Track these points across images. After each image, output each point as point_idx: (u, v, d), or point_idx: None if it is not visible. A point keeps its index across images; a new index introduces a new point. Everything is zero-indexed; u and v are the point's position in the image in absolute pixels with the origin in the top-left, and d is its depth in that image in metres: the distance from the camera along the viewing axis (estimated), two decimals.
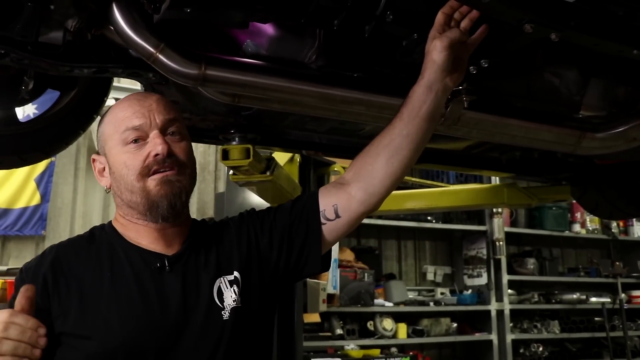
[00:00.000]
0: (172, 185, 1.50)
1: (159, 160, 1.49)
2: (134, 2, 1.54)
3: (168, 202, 1.49)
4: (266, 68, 1.71)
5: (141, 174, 1.49)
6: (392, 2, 1.56)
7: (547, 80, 2.12)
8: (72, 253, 1.53)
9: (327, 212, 1.63)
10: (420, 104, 1.56)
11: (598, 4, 1.49)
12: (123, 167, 1.51)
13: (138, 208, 1.52)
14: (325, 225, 1.63)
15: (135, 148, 1.51)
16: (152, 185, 1.49)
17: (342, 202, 1.62)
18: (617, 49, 1.68)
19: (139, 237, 1.55)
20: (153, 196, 1.49)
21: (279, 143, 2.59)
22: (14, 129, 2.11)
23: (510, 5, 1.47)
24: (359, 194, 1.61)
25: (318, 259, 1.64)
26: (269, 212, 1.69)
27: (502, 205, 3.73)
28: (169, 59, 1.57)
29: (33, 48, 1.63)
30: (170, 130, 1.55)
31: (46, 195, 5.35)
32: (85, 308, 1.43)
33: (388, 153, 1.59)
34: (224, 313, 1.49)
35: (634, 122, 2.18)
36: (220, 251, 1.59)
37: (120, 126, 1.53)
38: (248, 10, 1.49)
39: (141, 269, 1.49)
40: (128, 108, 1.55)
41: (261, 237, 1.63)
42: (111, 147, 1.54)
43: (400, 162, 1.59)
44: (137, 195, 1.50)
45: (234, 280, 1.54)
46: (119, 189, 1.54)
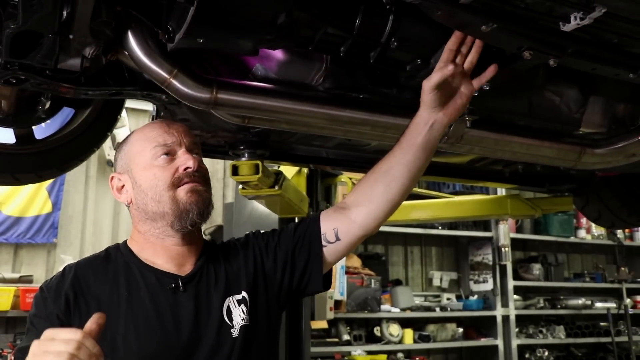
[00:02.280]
0: (201, 194, 1.60)
1: (189, 173, 1.59)
2: (149, 29, 1.61)
3: (198, 209, 1.58)
4: (275, 91, 1.77)
5: (171, 185, 1.58)
6: (396, 30, 1.62)
7: (548, 98, 2.18)
8: (90, 273, 1.58)
9: (328, 235, 1.71)
10: (417, 135, 1.65)
11: (594, 32, 1.54)
12: (153, 178, 1.59)
13: (165, 218, 1.59)
14: (326, 248, 1.72)
15: (165, 162, 1.60)
16: (183, 194, 1.58)
17: (343, 226, 1.71)
18: (614, 73, 1.74)
19: (155, 257, 1.62)
20: (184, 204, 1.58)
21: (287, 158, 2.65)
22: (31, 147, 2.19)
23: (509, 34, 1.53)
24: (359, 218, 1.70)
25: (320, 279, 1.73)
26: (274, 235, 1.77)
27: (506, 216, 3.78)
28: (182, 84, 1.64)
29: (52, 74, 1.70)
30: (194, 151, 1.66)
31: (57, 204, 5.43)
32: (104, 327, 1.49)
33: (387, 180, 1.68)
34: (233, 331, 1.56)
35: (633, 139, 2.24)
36: (229, 271, 1.66)
37: (151, 143, 1.62)
38: (258, 39, 1.55)
39: (156, 290, 1.56)
40: (158, 129, 1.65)
41: (266, 258, 1.71)
42: (139, 163, 1.62)
43: (398, 189, 1.68)
44: (165, 205, 1.58)
45: (242, 299, 1.62)
46: (143, 202, 1.61)
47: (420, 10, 1.49)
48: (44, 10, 1.37)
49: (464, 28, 1.53)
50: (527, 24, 1.51)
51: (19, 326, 5.03)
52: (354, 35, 1.61)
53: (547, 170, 3.03)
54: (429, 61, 1.72)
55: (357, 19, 1.59)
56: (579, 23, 1.42)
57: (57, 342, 1.20)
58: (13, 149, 2.16)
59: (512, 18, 1.48)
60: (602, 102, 2.25)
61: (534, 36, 1.55)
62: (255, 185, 2.51)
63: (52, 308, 1.50)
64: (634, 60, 1.69)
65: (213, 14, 1.42)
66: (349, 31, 1.61)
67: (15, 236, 5.26)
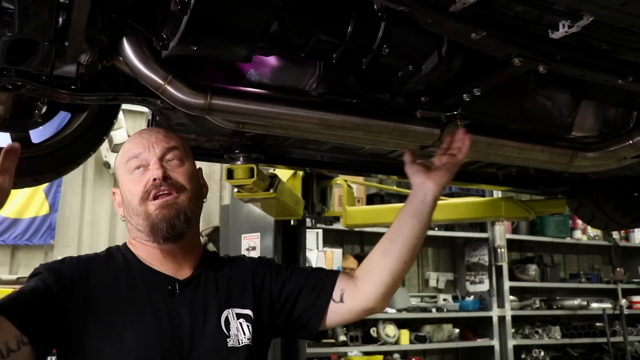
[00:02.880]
0: (169, 208, 1.60)
1: (156, 184, 1.60)
2: (143, 36, 1.63)
3: (167, 224, 1.59)
4: (269, 97, 1.79)
5: (142, 198, 1.60)
6: (387, 37, 1.64)
7: (540, 103, 2.20)
8: (91, 265, 1.62)
9: (335, 293, 1.73)
10: (406, 227, 1.77)
11: (582, 39, 1.56)
12: (128, 193, 1.63)
13: (144, 230, 1.62)
14: (329, 305, 1.73)
15: (138, 175, 1.64)
16: (152, 209, 1.60)
17: (350, 291, 1.73)
18: (603, 79, 1.76)
19: (151, 259, 1.65)
20: (153, 219, 1.59)
21: (282, 161, 2.67)
22: (28, 152, 2.20)
23: (498, 41, 1.55)
24: (364, 289, 1.73)
25: (315, 329, 1.74)
26: (287, 268, 1.80)
27: (500, 218, 3.80)
28: (177, 90, 1.66)
29: (48, 79, 1.72)
30: (168, 156, 1.67)
31: (55, 205, 5.45)
32: (101, 321, 1.52)
33: (386, 263, 1.73)
34: (229, 340, 1.58)
35: (624, 143, 2.27)
36: (233, 283, 1.69)
37: (126, 157, 1.67)
38: (251, 46, 1.56)
39: (154, 290, 1.59)
40: (132, 141, 1.70)
41: (274, 285, 1.74)
42: (121, 177, 1.68)
43: (398, 271, 1.74)
44: (140, 218, 1.61)
45: (246, 316, 1.64)
46: (128, 214, 1.65)
47: (411, 18, 1.51)
48: (40, 18, 1.39)
49: (454, 36, 1.55)
50: (516, 31, 1.53)
51: None
52: (346, 42, 1.63)
53: (541, 173, 3.06)
54: (420, 67, 1.73)
55: (349, 26, 1.60)
56: (567, 31, 1.44)
57: None
58: None
59: (502, 26, 1.50)
60: (593, 106, 2.27)
61: (523, 43, 1.57)
62: (250, 189, 2.53)
63: (48, 278, 1.52)
64: (623, 66, 1.71)
65: (206, 22, 1.44)
66: (341, 38, 1.62)
67: (12, 238, 5.27)
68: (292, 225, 3.80)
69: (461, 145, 1.86)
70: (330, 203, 3.97)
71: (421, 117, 1.97)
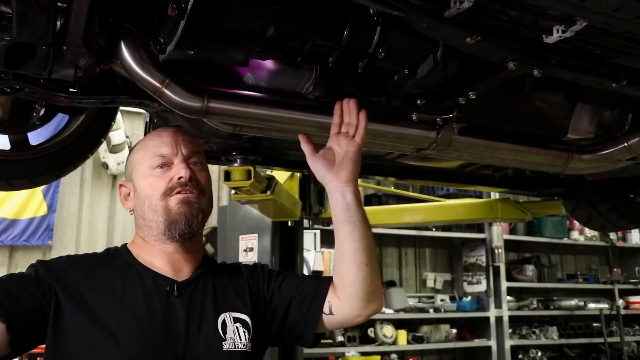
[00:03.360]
0: (191, 205, 1.63)
1: (181, 183, 1.63)
2: (141, 40, 1.64)
3: (186, 220, 1.62)
4: (265, 100, 1.81)
5: (164, 194, 1.63)
6: (383, 41, 1.65)
7: (536, 105, 2.22)
8: (87, 264, 1.63)
9: (325, 306, 1.72)
10: (336, 215, 1.70)
11: (576, 44, 1.57)
12: (149, 187, 1.64)
13: (158, 227, 1.63)
14: (321, 315, 1.72)
15: (160, 172, 1.65)
16: (173, 204, 1.62)
17: (335, 303, 1.71)
18: (597, 82, 1.77)
19: (153, 260, 1.65)
20: (173, 214, 1.62)
21: (279, 163, 2.68)
22: (27, 154, 2.21)
23: (493, 46, 1.56)
24: (345, 299, 1.69)
25: (310, 338, 1.74)
26: (279, 277, 1.78)
27: (497, 219, 3.82)
28: (174, 93, 1.67)
29: (46, 83, 1.73)
30: (192, 160, 1.70)
31: (53, 206, 5.46)
32: (95, 319, 1.52)
33: (345, 263, 1.68)
34: (224, 344, 1.59)
35: (619, 145, 2.28)
36: (230, 289, 1.70)
37: (150, 152, 1.68)
38: (248, 51, 1.58)
39: (152, 291, 1.59)
40: (157, 138, 1.71)
41: (266, 292, 1.74)
42: (139, 172, 1.68)
43: (359, 265, 1.66)
44: (158, 214, 1.63)
45: (243, 321, 1.65)
46: (141, 210, 1.66)
47: (407, 23, 1.52)
48: (38, 23, 1.40)
49: (449, 40, 1.56)
50: (510, 36, 1.54)
51: None
52: (342, 46, 1.64)
53: (537, 175, 3.08)
54: (416, 71, 1.75)
55: (345, 30, 1.62)
56: (561, 36, 1.45)
57: None
58: (8, 155, 2.19)
59: (496, 30, 1.51)
60: (588, 109, 2.28)
61: (517, 48, 1.58)
62: (247, 191, 2.55)
63: (41, 271, 1.53)
64: (617, 70, 1.73)
65: (203, 26, 1.45)
66: (337, 42, 1.64)
67: (10, 238, 5.28)
68: (289, 227, 3.81)
69: (356, 123, 1.72)
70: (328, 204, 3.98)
71: (417, 120, 1.98)
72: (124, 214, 5.87)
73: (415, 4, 1.38)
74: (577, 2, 1.31)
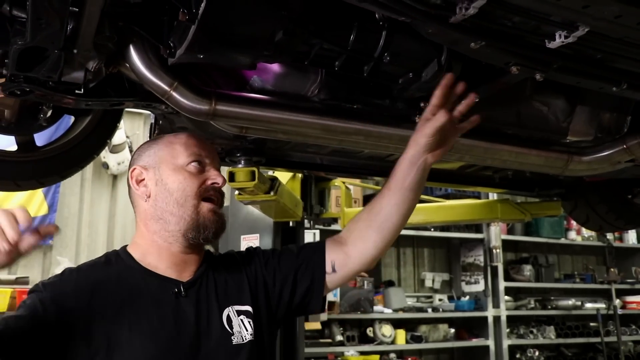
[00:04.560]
0: (220, 217, 1.69)
1: (216, 188, 1.69)
2: (149, 43, 1.66)
3: (215, 229, 1.67)
4: (272, 103, 1.83)
5: (198, 194, 1.66)
6: (388, 45, 1.68)
7: (536, 108, 2.25)
8: (92, 277, 1.62)
9: (327, 265, 1.78)
10: (405, 177, 1.73)
11: (578, 49, 1.61)
12: (182, 181, 1.67)
13: (180, 223, 1.65)
14: (325, 278, 1.79)
15: (195, 170, 1.69)
16: (205, 209, 1.66)
17: (340, 260, 1.78)
18: (598, 86, 1.81)
19: (158, 261, 1.67)
20: (204, 218, 1.66)
21: (282, 164, 2.71)
22: (33, 155, 2.23)
23: (497, 50, 1.59)
24: (354, 254, 1.77)
25: (319, 302, 1.80)
26: (274, 254, 1.83)
27: (496, 220, 3.86)
28: (182, 96, 1.70)
29: (55, 85, 1.75)
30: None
31: (53, 206, 5.45)
32: (107, 332, 1.53)
33: (379, 220, 1.75)
34: (233, 338, 1.62)
35: (618, 147, 2.32)
36: (229, 281, 1.72)
37: (187, 149, 1.71)
38: (256, 54, 1.61)
39: (159, 294, 1.61)
40: (195, 139, 1.76)
41: (267, 274, 1.78)
42: (170, 163, 1.70)
43: (390, 228, 1.76)
44: (186, 211, 1.65)
45: (245, 312, 1.68)
46: (164, 200, 1.67)
47: (412, 27, 1.55)
48: (52, 27, 1.43)
49: (453, 45, 1.59)
50: (514, 41, 1.57)
51: None
52: (348, 50, 1.67)
53: (536, 176, 3.11)
54: (420, 75, 1.78)
55: (352, 35, 1.65)
56: (564, 41, 1.49)
57: None
58: (15, 156, 2.21)
59: (500, 36, 1.55)
60: (588, 112, 2.32)
61: (520, 53, 1.62)
62: (251, 191, 2.57)
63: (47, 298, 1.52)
64: (617, 74, 1.76)
65: (213, 31, 1.48)
66: (344, 46, 1.67)
67: None
68: (290, 227, 3.84)
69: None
70: (328, 205, 4.01)
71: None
72: (124, 213, 5.89)
73: (422, 10, 1.41)
74: (580, 9, 1.34)
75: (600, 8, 1.33)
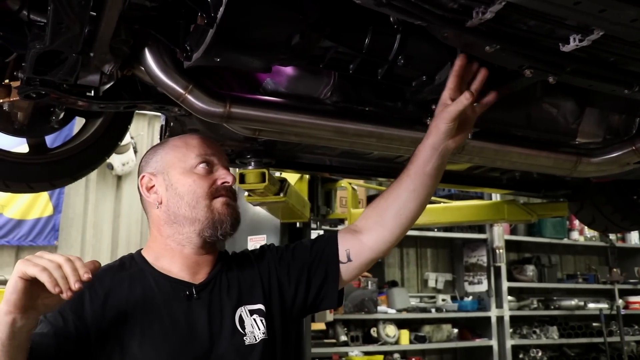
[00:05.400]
0: (234, 209, 1.70)
1: (226, 187, 1.69)
2: (164, 46, 1.67)
3: (232, 220, 1.68)
4: (285, 105, 1.84)
5: (209, 194, 1.67)
6: (403, 48, 1.69)
7: (546, 110, 2.26)
8: (107, 280, 1.62)
9: (341, 255, 1.77)
10: (425, 163, 1.72)
11: (592, 52, 1.62)
12: (192, 184, 1.67)
13: (194, 225, 1.65)
14: (340, 269, 1.78)
15: (204, 172, 1.70)
16: (219, 205, 1.67)
17: (355, 248, 1.77)
18: (610, 89, 1.82)
19: (171, 265, 1.67)
20: (219, 214, 1.66)
21: (292, 166, 2.72)
22: (46, 157, 2.25)
23: (511, 54, 1.60)
24: (370, 241, 1.77)
25: (335, 297, 1.79)
26: (287, 250, 1.83)
27: (502, 220, 3.87)
28: (197, 99, 1.70)
29: (69, 88, 1.76)
30: (228, 169, 1.77)
31: (58, 206, 5.48)
32: (121, 335, 1.53)
33: (397, 206, 1.74)
34: (245, 339, 1.61)
35: (627, 149, 2.32)
36: (242, 281, 1.72)
37: (194, 151, 1.72)
38: (272, 58, 1.62)
39: (171, 297, 1.61)
40: (200, 140, 1.76)
41: (280, 272, 1.77)
42: (178, 167, 1.70)
43: (408, 215, 1.75)
44: (199, 212, 1.65)
45: (258, 310, 1.67)
46: (176, 205, 1.67)
47: (426, 30, 1.56)
48: (72, 32, 1.43)
49: (468, 48, 1.60)
50: (528, 44, 1.58)
51: None
52: (363, 53, 1.68)
53: (543, 177, 3.12)
54: (434, 77, 1.79)
55: (367, 38, 1.66)
56: (578, 44, 1.49)
57: (42, 258, 1.30)
58: (28, 158, 2.22)
59: (515, 39, 1.55)
60: (597, 114, 2.33)
61: (534, 56, 1.62)
62: (261, 193, 2.58)
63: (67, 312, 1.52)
64: (630, 77, 1.77)
65: (231, 35, 1.48)
66: (359, 50, 1.68)
67: (16, 239, 5.30)
68: (297, 227, 3.85)
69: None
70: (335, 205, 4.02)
71: None
72: (129, 214, 5.91)
73: (438, 14, 1.41)
74: (597, 13, 1.35)
75: (617, 12, 1.34)
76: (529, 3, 1.34)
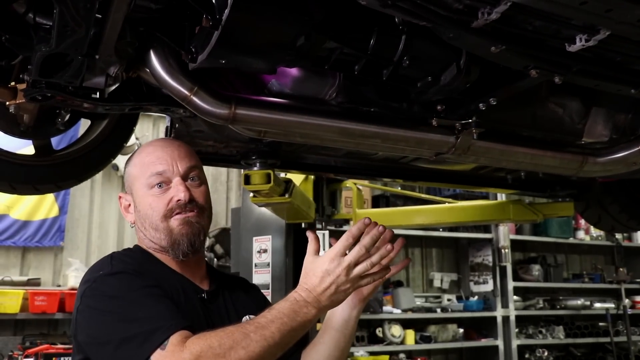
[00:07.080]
0: (192, 225, 1.64)
1: (180, 205, 1.63)
2: (170, 48, 1.67)
3: (188, 241, 1.63)
4: (290, 107, 1.84)
5: (165, 216, 1.63)
6: (408, 49, 1.69)
7: (552, 110, 2.25)
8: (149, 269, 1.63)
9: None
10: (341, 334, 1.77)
11: (597, 52, 1.61)
12: (148, 208, 1.65)
13: (161, 243, 1.65)
14: None
15: (159, 192, 1.65)
16: (175, 225, 1.63)
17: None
18: (616, 89, 1.81)
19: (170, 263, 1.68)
20: (175, 235, 1.63)
21: (297, 167, 2.72)
22: (52, 159, 2.25)
23: (517, 54, 1.60)
24: None
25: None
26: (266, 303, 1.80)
27: (508, 220, 3.86)
28: (202, 100, 1.70)
29: (75, 90, 1.77)
30: (190, 176, 1.69)
31: (64, 207, 5.50)
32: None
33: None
34: None
35: (633, 148, 2.31)
36: (243, 296, 1.77)
37: (146, 171, 1.66)
38: (277, 60, 1.62)
39: (190, 297, 1.62)
40: (153, 153, 1.69)
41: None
42: (138, 189, 1.68)
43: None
44: (160, 233, 1.64)
45: None
46: (143, 226, 1.67)
47: (431, 31, 1.56)
48: (77, 34, 1.44)
49: (474, 49, 1.60)
50: (534, 45, 1.57)
51: (28, 328, 5.10)
52: (368, 54, 1.68)
53: (549, 177, 3.11)
54: (439, 78, 1.79)
55: (372, 39, 1.66)
56: (584, 44, 1.49)
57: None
58: (34, 160, 2.23)
59: (520, 40, 1.55)
60: (603, 113, 2.32)
61: (540, 56, 1.62)
62: (266, 194, 2.58)
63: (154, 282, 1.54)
64: (636, 76, 1.76)
65: (236, 37, 1.48)
66: (364, 51, 1.67)
67: (23, 240, 5.32)
68: (302, 228, 3.84)
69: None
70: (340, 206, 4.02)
71: (437, 125, 2.01)
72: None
73: (444, 15, 1.41)
74: (603, 13, 1.34)
75: (623, 12, 1.33)
76: (535, 3, 1.34)
